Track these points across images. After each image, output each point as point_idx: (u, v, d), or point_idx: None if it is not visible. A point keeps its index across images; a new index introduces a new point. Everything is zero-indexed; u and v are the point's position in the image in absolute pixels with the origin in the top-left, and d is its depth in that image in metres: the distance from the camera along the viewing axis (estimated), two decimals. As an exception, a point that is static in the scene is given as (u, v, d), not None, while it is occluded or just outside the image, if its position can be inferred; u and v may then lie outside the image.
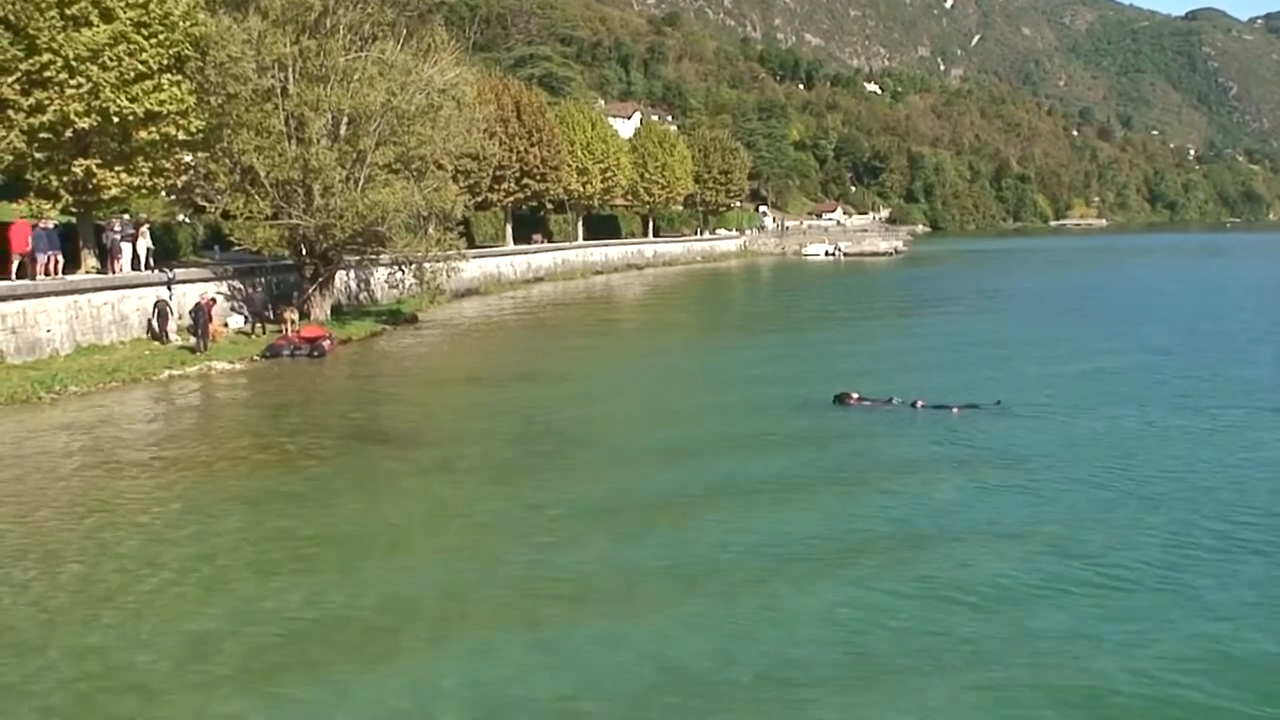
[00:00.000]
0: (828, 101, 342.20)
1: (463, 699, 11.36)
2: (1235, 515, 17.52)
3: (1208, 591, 14.12)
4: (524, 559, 15.69)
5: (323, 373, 36.61)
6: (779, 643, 12.61)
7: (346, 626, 13.28)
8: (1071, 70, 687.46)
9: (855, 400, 27.34)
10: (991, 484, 19.78)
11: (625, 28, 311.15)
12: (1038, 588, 14.25)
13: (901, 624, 13.09)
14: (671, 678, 11.78)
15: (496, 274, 77.98)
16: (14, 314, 32.32)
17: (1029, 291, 73.87)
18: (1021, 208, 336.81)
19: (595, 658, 12.35)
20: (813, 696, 11.34)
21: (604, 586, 14.58)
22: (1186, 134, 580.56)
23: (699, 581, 14.64)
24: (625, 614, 13.58)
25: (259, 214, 43.35)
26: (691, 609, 13.67)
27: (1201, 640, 12.59)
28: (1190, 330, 46.32)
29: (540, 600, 14.02)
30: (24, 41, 33.58)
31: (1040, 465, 21.18)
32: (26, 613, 13.79)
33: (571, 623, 13.35)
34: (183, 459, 22.79)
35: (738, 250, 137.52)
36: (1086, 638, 12.63)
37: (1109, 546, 15.94)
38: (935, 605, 13.67)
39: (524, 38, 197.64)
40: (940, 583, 14.45)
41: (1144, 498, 18.78)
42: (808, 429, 25.24)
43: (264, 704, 11.28)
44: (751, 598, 14.02)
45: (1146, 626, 12.98)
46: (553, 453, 23.23)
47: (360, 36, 44.90)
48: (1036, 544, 16.09)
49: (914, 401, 27.02)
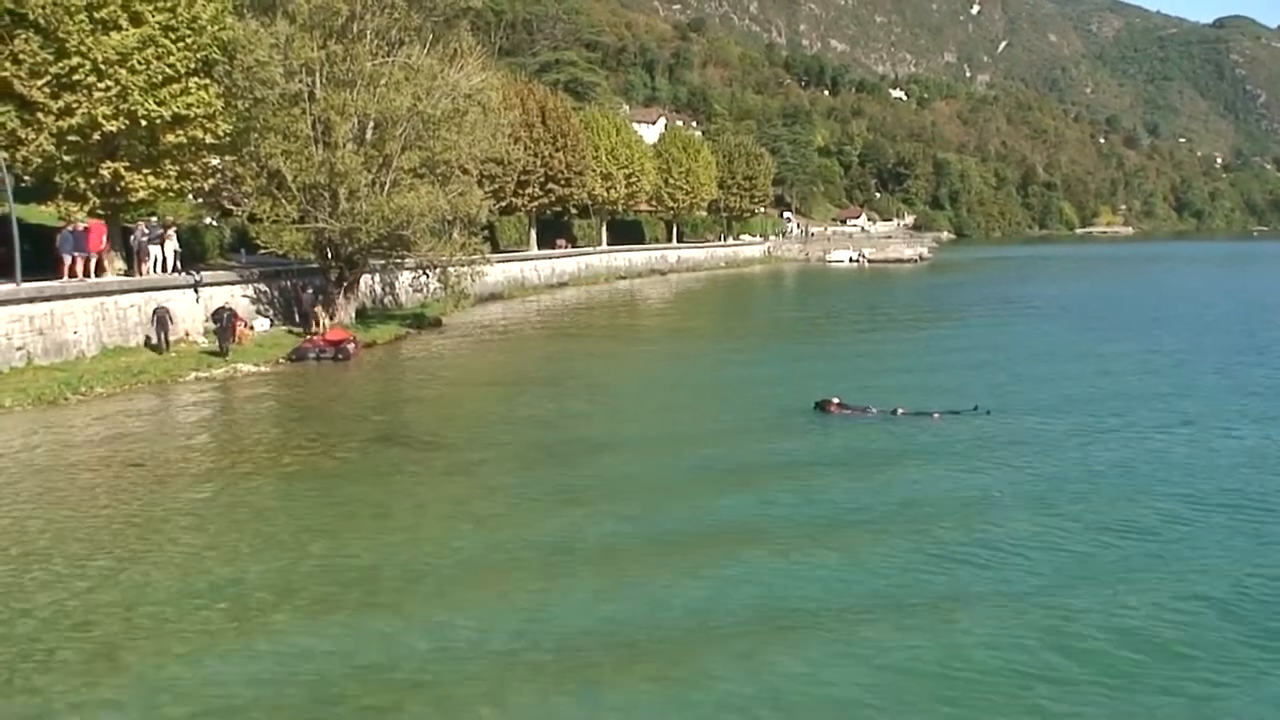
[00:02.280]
0: (853, 107, 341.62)
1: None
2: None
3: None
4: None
5: (347, 376, 36.72)
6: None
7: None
8: (1098, 77, 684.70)
9: (836, 407, 27.48)
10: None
11: (650, 33, 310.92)
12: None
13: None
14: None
15: (520, 279, 78.04)
16: (41, 315, 32.50)
17: (1057, 300, 73.32)
18: (1047, 215, 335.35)
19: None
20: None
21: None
22: (1213, 142, 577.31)
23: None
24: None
25: (285, 217, 43.46)
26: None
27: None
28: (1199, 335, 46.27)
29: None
30: (53, 45, 33.85)
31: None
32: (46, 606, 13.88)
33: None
34: (207, 461, 22.93)
35: (761, 256, 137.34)
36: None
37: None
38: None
39: (549, 43, 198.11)
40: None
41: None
42: (839, 450, 25.03)
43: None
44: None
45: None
46: (576, 461, 23.23)
47: (387, 41, 44.98)
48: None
49: (894, 409, 27.21)
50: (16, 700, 11.61)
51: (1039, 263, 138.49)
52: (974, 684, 11.95)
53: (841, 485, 20.60)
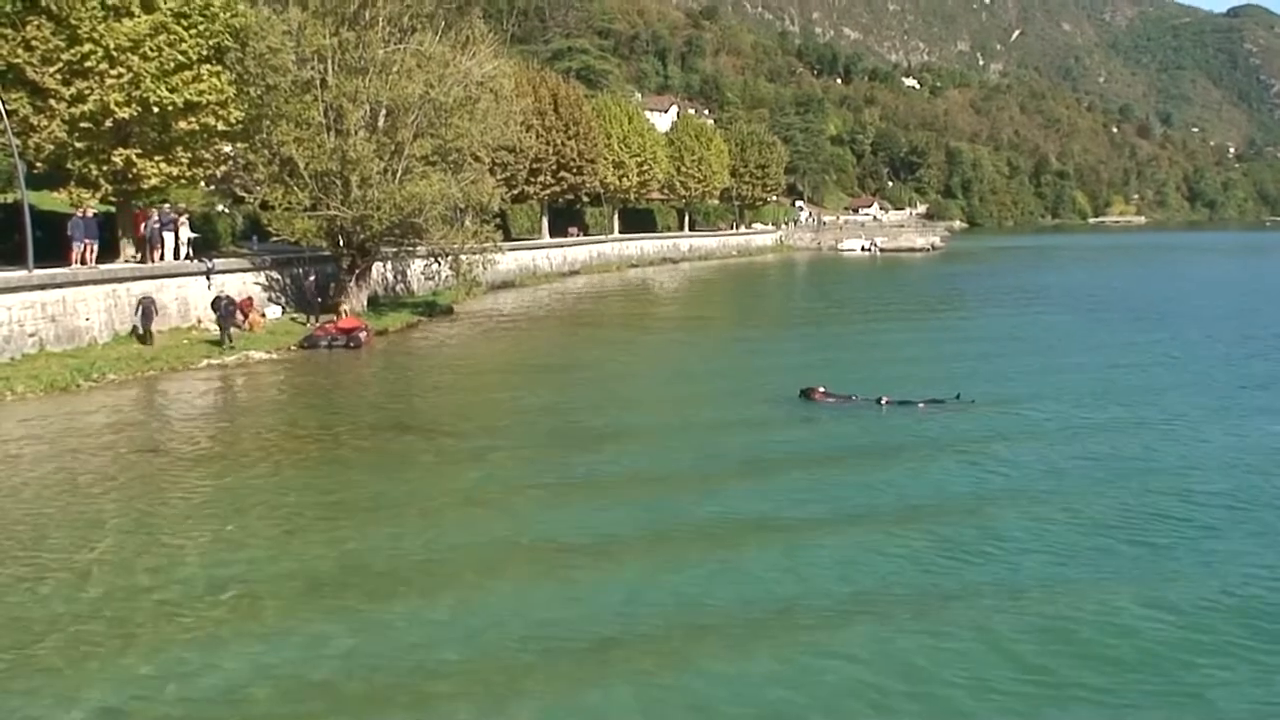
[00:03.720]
0: (865, 96, 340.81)
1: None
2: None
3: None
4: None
5: (359, 363, 36.70)
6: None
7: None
8: (1111, 66, 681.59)
9: (820, 395, 27.53)
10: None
11: (663, 21, 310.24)
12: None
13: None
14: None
15: (532, 266, 78.04)
16: (54, 302, 32.52)
17: (1069, 288, 73.13)
18: (1060, 204, 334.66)
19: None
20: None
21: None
22: (1227, 131, 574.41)
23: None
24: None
25: (297, 205, 43.43)
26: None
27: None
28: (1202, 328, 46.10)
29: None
30: (65, 31, 33.86)
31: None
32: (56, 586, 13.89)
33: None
34: (219, 447, 22.93)
35: (773, 245, 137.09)
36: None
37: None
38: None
39: (562, 30, 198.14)
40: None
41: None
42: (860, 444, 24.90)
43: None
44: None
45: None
46: (587, 448, 23.18)
47: (399, 28, 44.92)
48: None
49: (879, 398, 27.19)
50: (35, 679, 11.64)
51: (1052, 252, 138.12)
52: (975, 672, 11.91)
53: (850, 479, 20.56)
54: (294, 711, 11.16)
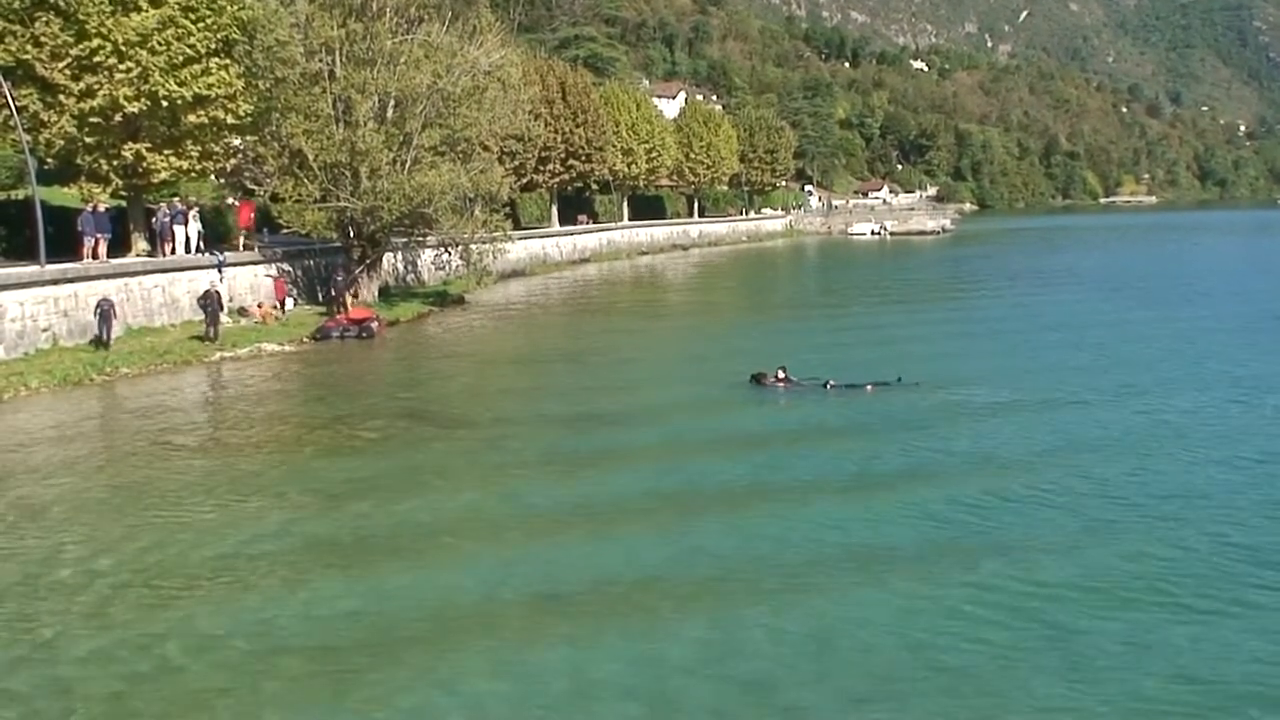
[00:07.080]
0: (874, 79, 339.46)
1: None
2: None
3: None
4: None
5: (371, 354, 36.78)
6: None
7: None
8: (1120, 46, 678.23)
9: (771, 381, 27.68)
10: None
11: (669, 8, 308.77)
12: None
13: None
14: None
15: (542, 255, 78.09)
16: (66, 297, 32.58)
17: (1081, 270, 72.94)
18: (1071, 185, 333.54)
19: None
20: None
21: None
22: (1237, 110, 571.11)
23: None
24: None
25: (307, 197, 43.51)
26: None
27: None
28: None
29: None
30: (74, 27, 33.93)
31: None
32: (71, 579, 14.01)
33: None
34: (234, 438, 23.05)
35: (783, 230, 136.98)
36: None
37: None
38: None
39: (569, 19, 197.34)
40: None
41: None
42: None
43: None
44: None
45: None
46: (599, 437, 23.30)
47: (406, 19, 44.96)
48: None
49: (825, 382, 27.37)
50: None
51: (1063, 233, 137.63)
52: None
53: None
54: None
